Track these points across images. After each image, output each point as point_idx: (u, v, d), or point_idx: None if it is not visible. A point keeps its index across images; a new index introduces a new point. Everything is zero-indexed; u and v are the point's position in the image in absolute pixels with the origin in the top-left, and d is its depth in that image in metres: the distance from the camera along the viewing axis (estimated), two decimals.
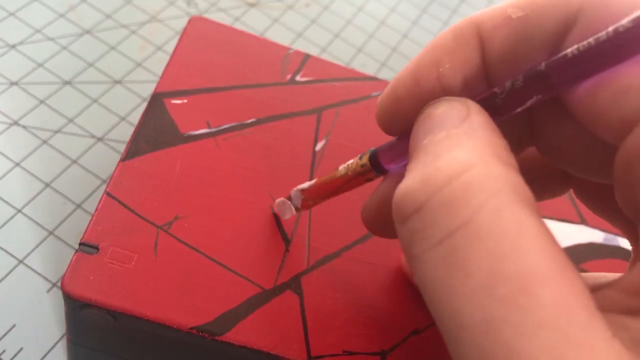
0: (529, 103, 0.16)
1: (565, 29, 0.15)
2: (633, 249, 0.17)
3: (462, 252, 0.13)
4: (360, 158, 0.21)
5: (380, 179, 0.21)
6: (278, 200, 0.24)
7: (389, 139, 0.20)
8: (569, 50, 0.15)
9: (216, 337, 0.21)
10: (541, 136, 0.18)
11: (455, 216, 0.13)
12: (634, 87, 0.14)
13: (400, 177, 0.18)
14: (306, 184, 0.23)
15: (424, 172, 0.14)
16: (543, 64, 0.15)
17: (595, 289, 0.15)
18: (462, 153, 0.14)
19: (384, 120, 0.19)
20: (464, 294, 0.13)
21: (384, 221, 0.20)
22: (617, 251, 0.28)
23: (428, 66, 0.17)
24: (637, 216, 0.15)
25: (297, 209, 0.24)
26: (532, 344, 0.12)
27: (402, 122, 0.18)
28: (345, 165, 0.21)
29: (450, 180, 0.14)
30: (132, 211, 0.23)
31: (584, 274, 0.19)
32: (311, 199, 0.23)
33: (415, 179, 0.14)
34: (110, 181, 0.24)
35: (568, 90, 0.15)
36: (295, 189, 0.23)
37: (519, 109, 0.16)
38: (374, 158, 0.20)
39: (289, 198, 0.24)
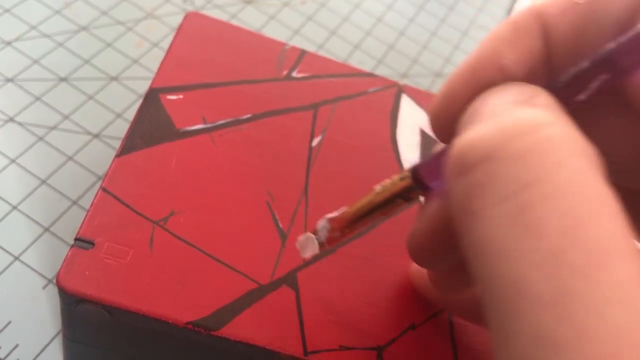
0: (594, 85, 0.14)
1: (638, 8, 0.14)
2: None
3: (534, 211, 0.12)
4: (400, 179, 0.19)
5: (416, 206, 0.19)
6: (301, 236, 0.21)
7: (387, 140, 0.19)
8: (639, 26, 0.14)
9: (212, 332, 0.21)
10: (592, 136, 0.18)
11: (530, 171, 0.12)
12: None
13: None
14: (335, 213, 0.20)
15: (496, 122, 0.13)
16: (612, 43, 0.14)
17: None
18: (539, 111, 0.13)
19: (439, 125, 0.17)
20: (531, 259, 0.11)
21: (434, 249, 0.18)
22: None
23: (489, 59, 0.16)
24: None
25: (321, 245, 0.21)
26: (607, 324, 0.11)
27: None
28: (381, 184, 0.19)
29: (527, 132, 0.12)
30: (128, 206, 0.23)
31: None
32: (339, 229, 0.20)
33: (483, 129, 0.13)
34: (105, 176, 0.24)
35: (636, 71, 0.14)
36: (322, 219, 0.21)
37: (583, 94, 0.15)
38: (416, 173, 0.18)
39: (315, 232, 0.21)
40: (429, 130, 0.29)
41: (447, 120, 0.16)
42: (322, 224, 0.20)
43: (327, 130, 0.28)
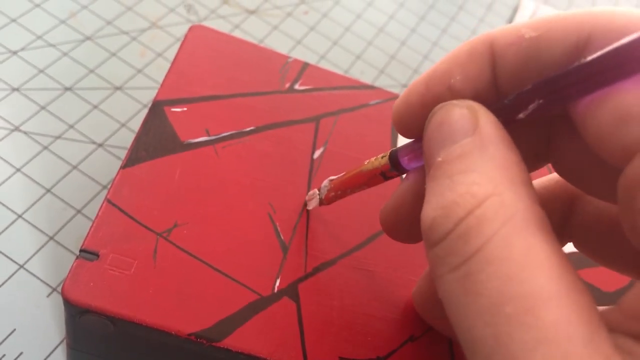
0: (531, 108, 0.16)
1: (576, 51, 0.16)
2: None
3: (475, 275, 0.15)
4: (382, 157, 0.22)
5: (397, 181, 0.21)
6: (311, 191, 0.26)
7: (386, 149, 0.20)
8: (575, 63, 0.15)
9: (214, 343, 0.21)
10: (557, 153, 0.19)
11: (471, 245, 0.15)
12: (634, 115, 0.14)
13: (418, 178, 0.20)
14: (336, 176, 0.25)
15: (444, 203, 0.16)
16: (551, 74, 0.16)
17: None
18: (477, 183, 0.15)
19: (398, 124, 0.20)
20: (476, 312, 0.14)
21: (401, 222, 0.21)
22: None
23: (440, 76, 0.18)
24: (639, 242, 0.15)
25: (321, 201, 0.25)
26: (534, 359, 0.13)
27: (415, 127, 0.19)
28: (369, 160, 0.22)
29: (467, 214, 0.15)
30: (132, 218, 0.23)
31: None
32: (334, 190, 0.24)
33: (437, 210, 0.16)
34: (110, 188, 0.24)
35: (571, 102, 0.16)
36: (326, 179, 0.25)
37: (523, 114, 0.17)
38: (394, 156, 0.21)
39: (319, 189, 0.25)
40: None
41: (405, 121, 0.19)
42: (324, 183, 0.25)
43: (328, 142, 0.28)
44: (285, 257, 0.24)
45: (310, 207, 0.26)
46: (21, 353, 0.28)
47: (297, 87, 0.30)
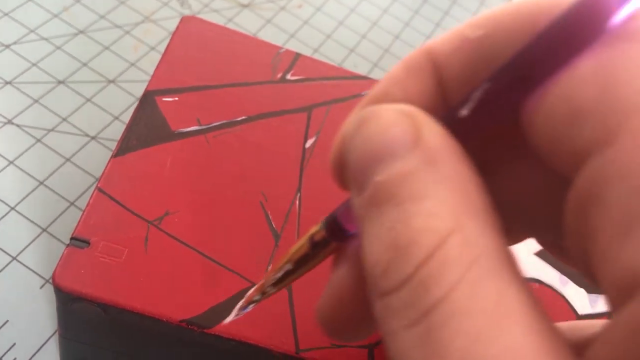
0: (476, 96, 0.14)
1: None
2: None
3: (438, 332, 0.12)
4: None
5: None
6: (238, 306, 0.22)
7: None
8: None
9: (205, 330, 0.21)
10: (495, 184, 0.16)
11: (432, 295, 0.12)
12: (585, 108, 0.12)
13: (359, 254, 0.16)
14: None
15: (399, 242, 0.13)
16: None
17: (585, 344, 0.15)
18: (436, 215, 0.13)
19: (336, 172, 0.17)
20: None
21: (347, 320, 0.17)
22: None
23: (378, 99, 0.16)
24: (587, 271, 0.13)
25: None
26: None
27: None
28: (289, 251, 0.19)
29: (428, 256, 0.12)
30: (123, 206, 0.23)
31: (576, 323, 0.18)
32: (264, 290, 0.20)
33: (389, 251, 0.13)
34: (101, 177, 0.24)
35: (521, 89, 0.13)
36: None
37: (466, 109, 0.14)
38: (333, 222, 0.17)
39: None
40: None
41: (342, 165, 0.16)
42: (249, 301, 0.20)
43: (320, 132, 0.28)
44: (277, 244, 0.24)
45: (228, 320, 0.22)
46: (14, 344, 0.28)
47: (289, 77, 0.30)
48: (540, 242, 0.17)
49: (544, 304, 0.27)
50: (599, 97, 0.12)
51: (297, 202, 0.26)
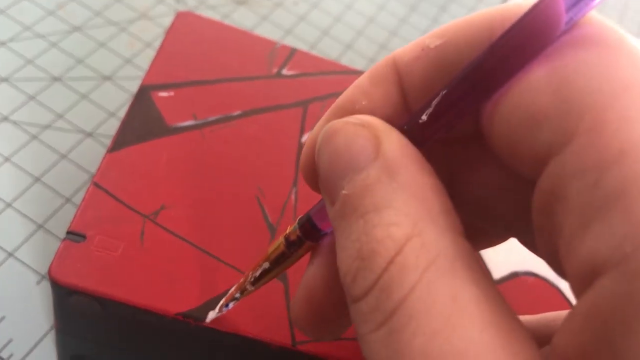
0: (434, 103, 0.15)
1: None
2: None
3: (399, 334, 0.13)
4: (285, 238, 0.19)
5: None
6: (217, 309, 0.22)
7: None
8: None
9: (201, 323, 0.21)
10: (462, 193, 0.17)
11: (393, 299, 0.13)
12: (543, 113, 0.13)
13: (331, 253, 0.17)
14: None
15: (363, 252, 0.14)
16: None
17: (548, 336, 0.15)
18: (395, 224, 0.13)
19: (307, 177, 0.18)
20: None
21: (319, 318, 0.18)
22: None
23: (345, 107, 0.16)
24: (556, 266, 0.14)
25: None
26: None
27: None
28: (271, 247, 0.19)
29: (388, 264, 0.13)
30: (119, 201, 0.23)
31: (547, 314, 0.18)
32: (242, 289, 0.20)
33: (356, 261, 0.14)
34: (97, 171, 0.24)
35: (477, 97, 0.14)
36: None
37: (424, 114, 0.15)
38: (307, 222, 0.18)
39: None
40: None
41: (312, 169, 0.17)
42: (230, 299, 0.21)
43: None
44: (272, 238, 0.24)
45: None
46: (11, 340, 0.28)
47: (284, 72, 0.30)
48: (520, 241, 0.18)
49: (539, 296, 0.27)
50: (553, 102, 0.13)
51: (293, 196, 0.26)
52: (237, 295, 0.20)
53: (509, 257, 0.27)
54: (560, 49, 0.13)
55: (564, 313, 0.17)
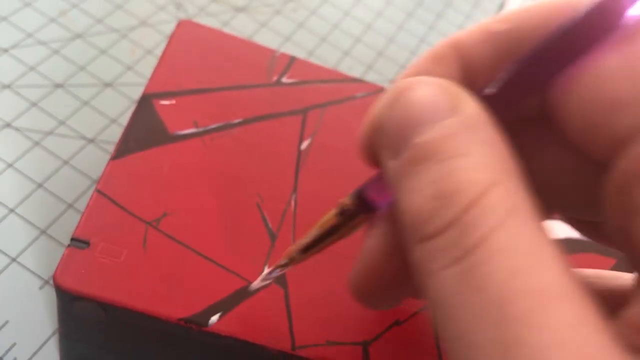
0: (501, 78, 0.15)
1: None
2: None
3: (479, 268, 0.13)
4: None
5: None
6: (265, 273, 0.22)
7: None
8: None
9: (203, 328, 0.22)
10: (527, 165, 0.18)
11: (474, 236, 0.13)
12: (623, 99, 0.13)
13: (390, 225, 0.17)
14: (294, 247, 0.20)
15: (442, 192, 0.14)
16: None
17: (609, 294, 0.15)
18: (477, 169, 0.14)
19: (366, 150, 0.18)
20: (478, 311, 0.12)
21: (378, 288, 0.18)
22: (593, 245, 0.29)
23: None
24: (631, 247, 0.14)
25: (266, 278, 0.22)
26: None
27: None
28: (323, 219, 0.19)
29: (470, 206, 0.13)
30: (122, 208, 0.24)
31: (602, 272, 0.19)
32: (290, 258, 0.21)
33: (432, 201, 0.14)
34: (100, 179, 0.24)
35: (548, 76, 0.15)
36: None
37: (490, 87, 0.15)
38: (362, 194, 0.18)
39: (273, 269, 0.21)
40: None
41: (370, 142, 0.17)
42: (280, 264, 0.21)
43: (316, 134, 0.29)
44: (273, 244, 0.25)
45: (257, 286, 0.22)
46: (14, 344, 0.28)
47: (284, 80, 0.30)
48: (565, 219, 0.19)
49: None
50: (632, 88, 0.13)
51: (293, 202, 0.26)
52: (284, 261, 0.20)
53: None
54: (629, 38, 0.13)
55: (621, 275, 0.18)
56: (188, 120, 0.27)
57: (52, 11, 0.41)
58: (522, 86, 0.15)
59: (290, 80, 0.30)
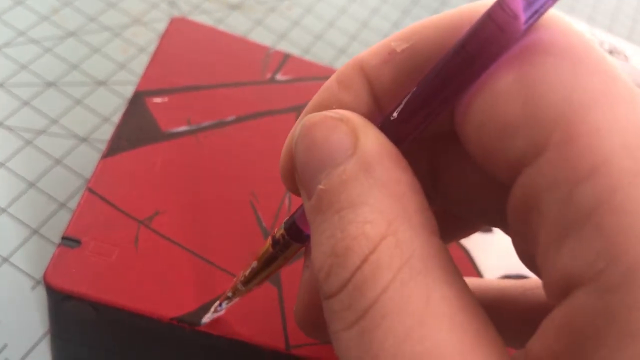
0: (404, 100, 0.15)
1: None
2: None
3: (371, 333, 0.13)
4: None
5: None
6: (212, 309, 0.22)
7: None
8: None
9: (195, 328, 0.22)
10: (445, 186, 0.18)
11: (366, 298, 0.13)
12: (512, 123, 0.13)
13: None
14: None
15: (337, 249, 0.14)
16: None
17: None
18: (370, 222, 0.13)
19: (286, 180, 0.18)
20: None
21: (319, 319, 0.18)
22: None
23: (315, 112, 0.16)
24: (533, 269, 0.14)
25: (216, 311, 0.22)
26: None
27: None
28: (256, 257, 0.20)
29: (362, 262, 0.13)
30: (114, 206, 0.24)
31: (520, 281, 0.19)
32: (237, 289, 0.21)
33: (331, 257, 0.14)
34: (92, 177, 0.24)
35: (448, 100, 0.14)
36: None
37: (395, 112, 0.15)
38: (292, 225, 0.18)
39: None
40: None
41: (290, 168, 0.17)
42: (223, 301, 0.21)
43: None
44: None
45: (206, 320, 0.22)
46: (5, 345, 0.28)
47: (278, 77, 0.30)
48: (502, 230, 0.18)
49: None
50: (524, 112, 0.13)
51: (287, 201, 0.26)
52: (230, 294, 0.21)
53: (500, 260, 0.27)
54: (528, 53, 0.13)
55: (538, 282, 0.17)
56: (181, 118, 0.27)
57: (44, 9, 0.40)
58: (425, 109, 0.14)
59: (284, 78, 0.30)
